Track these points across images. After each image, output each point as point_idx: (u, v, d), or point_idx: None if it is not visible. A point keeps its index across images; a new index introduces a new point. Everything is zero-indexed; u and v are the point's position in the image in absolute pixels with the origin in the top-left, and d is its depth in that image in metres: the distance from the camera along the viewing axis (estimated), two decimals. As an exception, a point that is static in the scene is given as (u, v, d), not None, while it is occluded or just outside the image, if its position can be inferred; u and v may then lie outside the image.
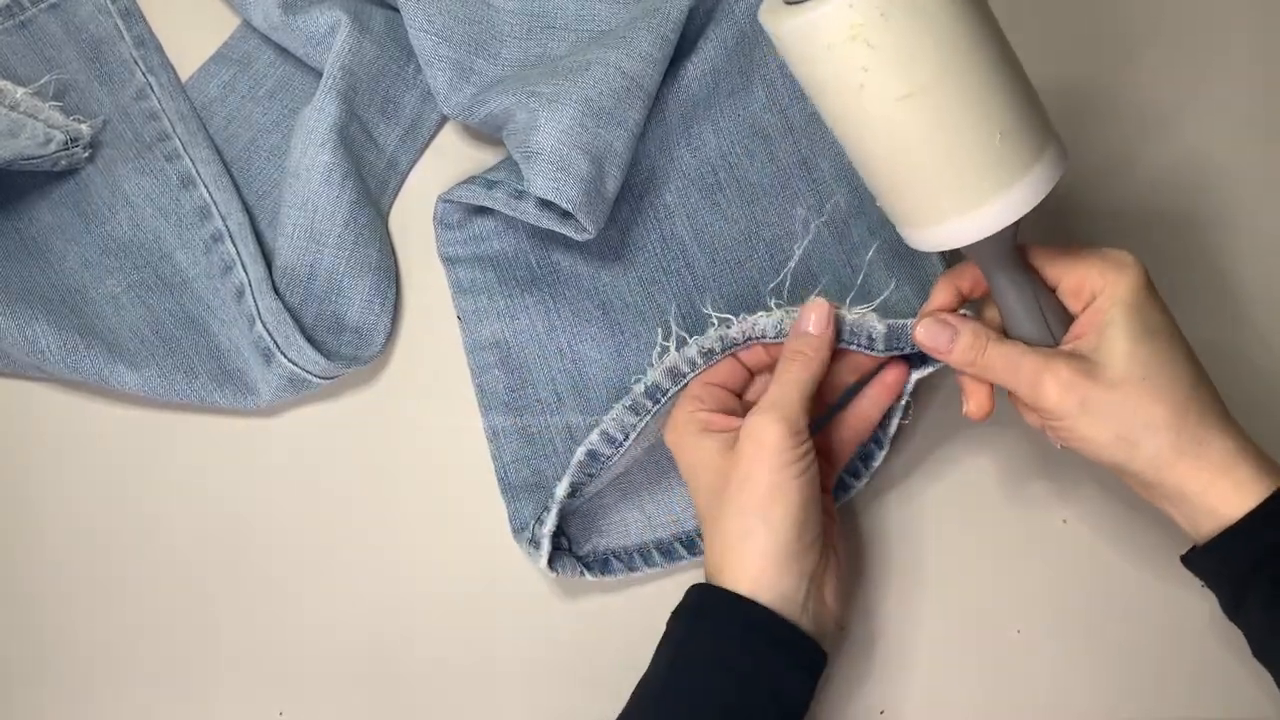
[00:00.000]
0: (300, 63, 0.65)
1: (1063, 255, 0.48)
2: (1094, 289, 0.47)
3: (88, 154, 0.63)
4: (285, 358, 0.57)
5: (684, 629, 0.49)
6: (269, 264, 0.60)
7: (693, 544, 0.57)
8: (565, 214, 0.56)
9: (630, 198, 0.60)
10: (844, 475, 0.56)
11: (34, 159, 0.61)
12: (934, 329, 0.49)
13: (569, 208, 0.55)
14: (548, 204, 0.56)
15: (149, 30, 0.66)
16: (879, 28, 0.41)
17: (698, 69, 0.60)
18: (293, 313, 0.58)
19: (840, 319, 0.51)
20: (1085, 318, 0.47)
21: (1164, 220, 0.61)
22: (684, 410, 0.52)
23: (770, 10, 0.44)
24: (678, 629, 0.49)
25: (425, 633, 0.57)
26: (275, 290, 0.58)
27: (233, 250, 0.60)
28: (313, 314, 0.59)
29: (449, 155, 0.64)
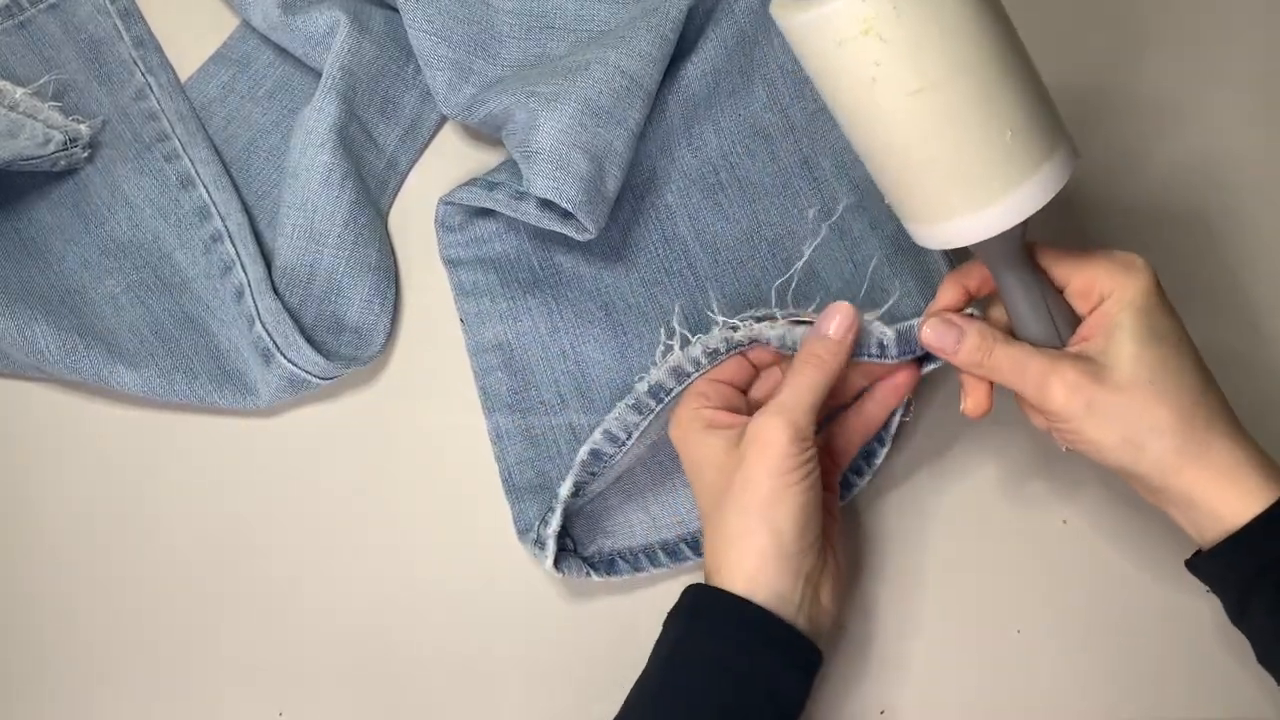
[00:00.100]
0: (300, 63, 0.65)
1: (1072, 256, 0.48)
2: (1102, 291, 0.47)
3: (87, 154, 0.63)
4: (285, 358, 0.57)
5: (680, 629, 0.49)
6: (268, 264, 0.60)
7: (698, 544, 0.56)
8: (566, 214, 0.56)
9: (631, 198, 0.60)
10: (847, 474, 0.56)
11: (33, 159, 0.61)
12: (940, 329, 0.48)
13: (569, 207, 0.55)
14: (549, 205, 0.56)
15: (148, 30, 0.66)
16: (891, 22, 0.41)
17: (698, 69, 0.60)
18: (292, 313, 0.58)
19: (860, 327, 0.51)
20: (1093, 320, 0.47)
21: (1175, 218, 0.61)
22: (689, 407, 0.52)
23: (781, 4, 0.44)
24: (674, 629, 0.49)
25: (425, 632, 0.57)
26: (275, 291, 0.58)
27: (232, 250, 0.60)
28: (312, 314, 0.59)
29: (449, 155, 0.64)
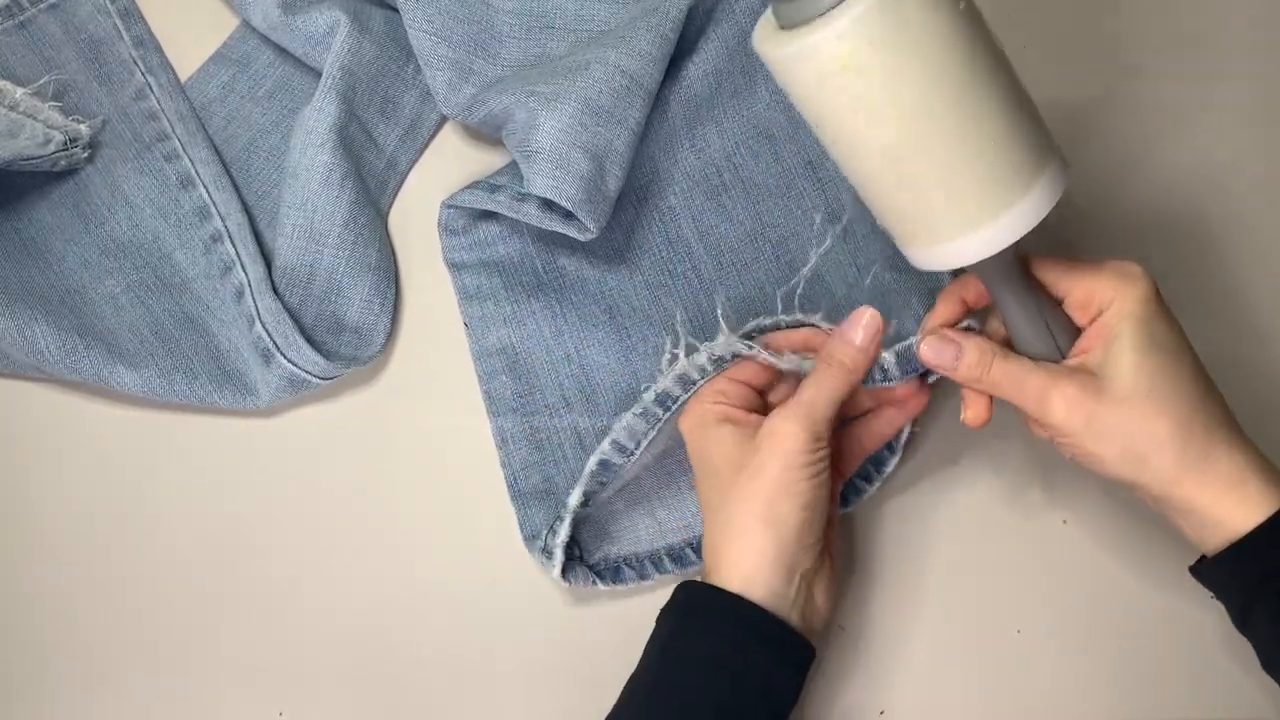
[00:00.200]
0: (300, 63, 0.64)
1: (1070, 268, 0.48)
2: (1101, 302, 0.46)
3: (87, 154, 0.63)
4: (285, 358, 0.57)
5: (674, 625, 0.49)
6: (268, 264, 0.60)
7: (703, 548, 0.56)
8: (568, 215, 0.56)
9: (634, 200, 0.60)
10: (855, 480, 0.56)
11: (33, 159, 0.61)
12: (939, 346, 0.48)
13: (569, 206, 0.55)
14: (550, 206, 0.56)
15: (148, 30, 0.66)
16: (868, 57, 0.41)
17: (700, 69, 0.60)
18: (292, 313, 0.58)
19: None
20: (1092, 331, 0.47)
21: (1174, 223, 0.60)
22: (706, 401, 0.52)
23: (763, 37, 0.44)
24: (667, 625, 0.49)
25: (425, 633, 0.57)
26: (275, 291, 0.58)
27: (232, 250, 0.60)
28: (312, 314, 0.59)
29: (449, 155, 0.64)
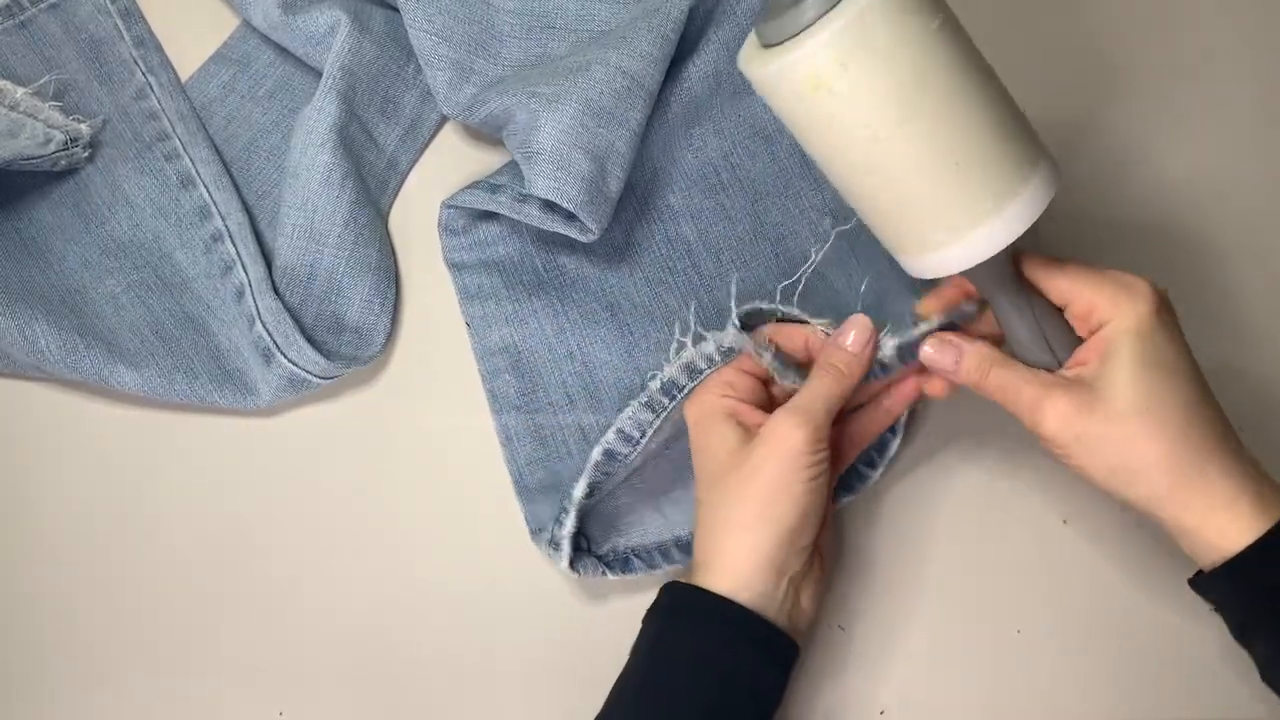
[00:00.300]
0: (300, 63, 0.65)
1: (1073, 275, 0.47)
2: (1102, 316, 0.46)
3: (87, 154, 0.63)
4: (285, 358, 0.57)
5: (661, 626, 0.49)
6: (269, 264, 0.60)
7: None
8: (569, 216, 0.56)
9: (634, 199, 0.60)
10: (859, 466, 0.56)
11: (33, 159, 0.61)
12: (941, 349, 0.49)
13: (570, 207, 0.55)
14: (552, 207, 0.56)
15: (149, 30, 0.66)
16: (838, 76, 0.41)
17: (700, 69, 0.60)
18: (292, 313, 0.58)
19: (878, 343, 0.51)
20: (1091, 343, 0.46)
21: (1172, 229, 0.60)
22: (713, 393, 0.52)
23: (748, 57, 0.44)
24: (653, 626, 0.50)
25: (425, 633, 0.57)
26: (275, 290, 0.58)
27: (232, 250, 0.60)
28: (312, 314, 0.59)
29: (449, 155, 0.64)
